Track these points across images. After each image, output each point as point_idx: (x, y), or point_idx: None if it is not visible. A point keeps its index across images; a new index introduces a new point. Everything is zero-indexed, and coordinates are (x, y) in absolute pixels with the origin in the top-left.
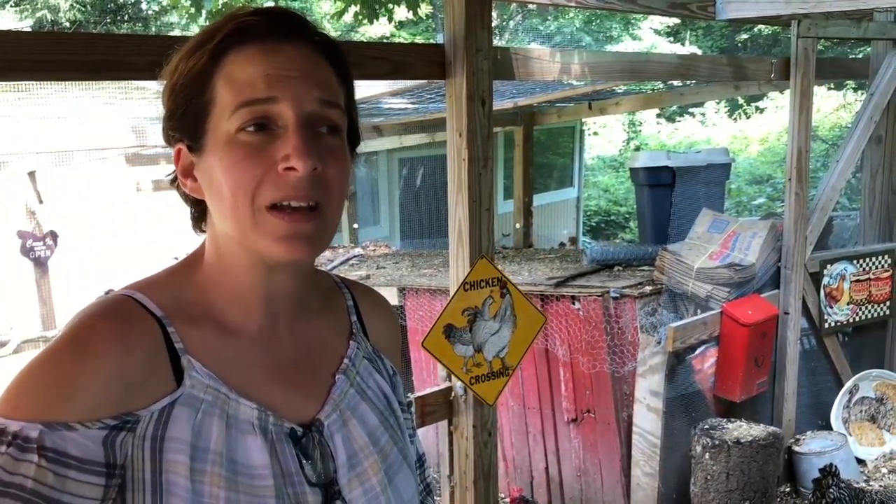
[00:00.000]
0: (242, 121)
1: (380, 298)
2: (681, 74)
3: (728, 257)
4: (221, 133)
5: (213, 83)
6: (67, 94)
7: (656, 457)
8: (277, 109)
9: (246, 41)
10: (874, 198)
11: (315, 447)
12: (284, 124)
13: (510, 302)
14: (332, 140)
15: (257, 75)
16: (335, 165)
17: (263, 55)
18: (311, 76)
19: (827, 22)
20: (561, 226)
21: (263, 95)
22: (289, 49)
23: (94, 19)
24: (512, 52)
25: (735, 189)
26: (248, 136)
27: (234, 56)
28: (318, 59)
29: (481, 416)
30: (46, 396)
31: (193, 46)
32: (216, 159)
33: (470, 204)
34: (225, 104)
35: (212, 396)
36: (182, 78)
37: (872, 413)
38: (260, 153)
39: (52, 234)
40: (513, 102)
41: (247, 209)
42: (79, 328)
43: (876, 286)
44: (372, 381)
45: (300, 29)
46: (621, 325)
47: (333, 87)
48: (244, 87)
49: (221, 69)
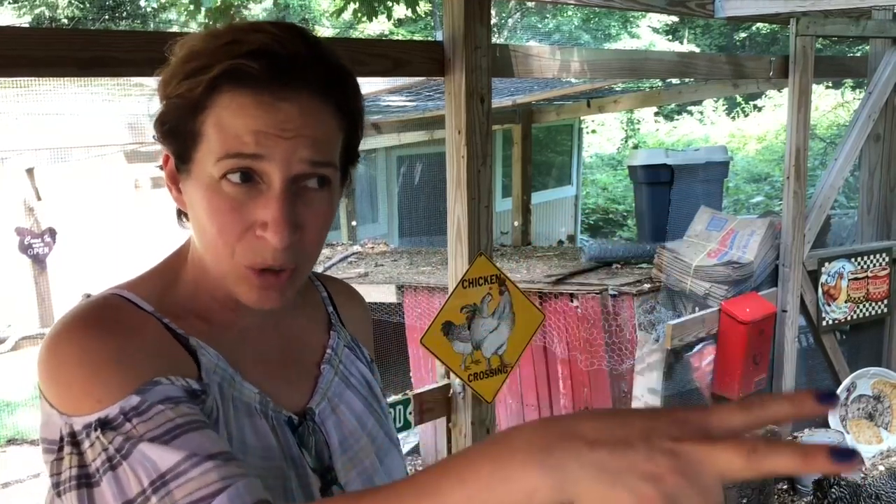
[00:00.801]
0: (226, 170)
1: (351, 289)
2: (680, 72)
3: (726, 255)
4: (206, 174)
5: (204, 118)
6: (66, 90)
7: None
8: (263, 167)
9: (242, 86)
10: (872, 196)
11: (311, 435)
12: (269, 182)
13: (509, 299)
14: (317, 195)
15: (247, 129)
16: (316, 223)
17: (256, 109)
18: (304, 136)
19: (825, 20)
20: (559, 224)
21: (250, 152)
22: (285, 106)
23: (92, 16)
24: (511, 50)
25: (733, 187)
26: (231, 187)
27: (228, 100)
28: (318, 110)
29: (480, 414)
30: (110, 377)
31: (191, 69)
32: (199, 198)
33: (469, 201)
34: (212, 147)
35: (219, 377)
36: (175, 97)
37: (870, 411)
38: (242, 208)
39: (50, 231)
40: (511, 100)
41: (226, 258)
42: (72, 329)
43: (874, 284)
44: (354, 368)
45: (305, 75)
46: (619, 323)
47: (330, 141)
48: (232, 138)
49: (213, 107)
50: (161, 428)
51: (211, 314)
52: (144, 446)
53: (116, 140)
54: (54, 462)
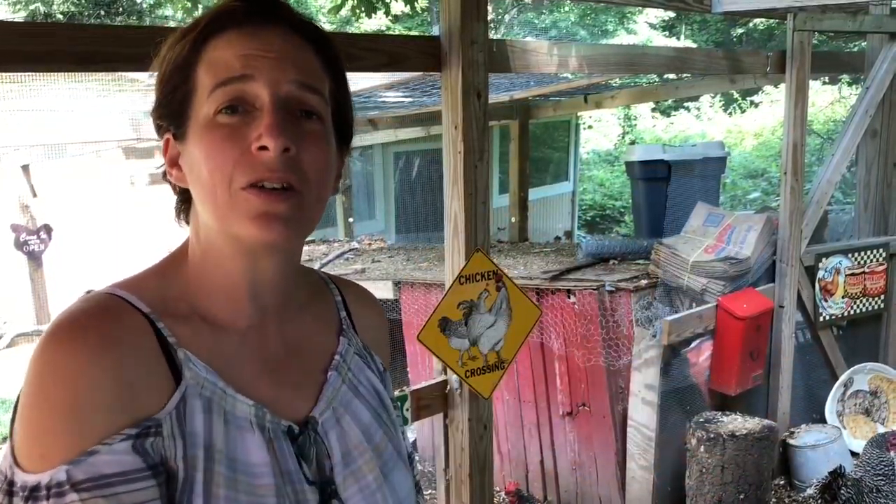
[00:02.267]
0: (219, 102)
1: (367, 294)
2: (677, 67)
3: (723, 251)
4: (201, 117)
5: (196, 70)
6: (60, 86)
7: (651, 450)
8: (253, 89)
9: (226, 26)
10: (869, 191)
11: (311, 445)
12: (261, 105)
13: (506, 295)
14: (310, 125)
15: (234, 56)
16: (311, 149)
17: (241, 38)
18: (288, 57)
19: (822, 15)
20: (557, 220)
21: (238, 73)
22: (268, 32)
23: (87, 12)
24: (508, 45)
25: (730, 183)
26: (225, 119)
27: (215, 42)
28: (300, 43)
29: (477, 410)
30: (57, 434)
31: (178, 36)
32: (196, 145)
33: (466, 197)
34: (204, 87)
35: (209, 392)
36: (168, 66)
37: (867, 406)
38: (236, 135)
39: (45, 228)
40: (508, 95)
41: (224, 192)
42: (64, 330)
43: (871, 280)
44: (363, 377)
45: (282, 13)
46: (616, 319)
47: (315, 72)
48: (221, 68)
49: (203, 56)
50: None
51: (210, 314)
52: None
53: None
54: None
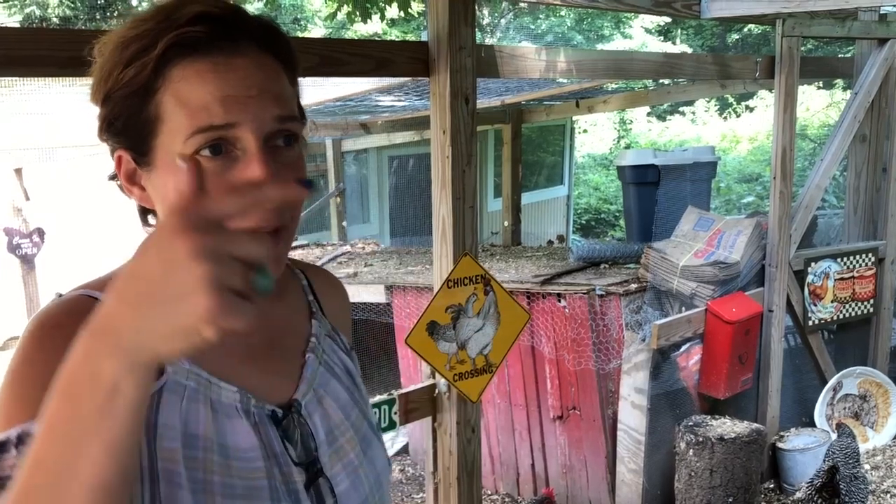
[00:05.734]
0: (198, 145)
1: (331, 277)
2: (665, 73)
3: (713, 255)
4: (175, 154)
5: (159, 99)
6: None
7: (641, 453)
8: (236, 134)
9: (193, 54)
10: (858, 196)
11: (295, 428)
12: (244, 147)
13: (494, 299)
14: (290, 153)
15: (212, 98)
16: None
17: (213, 71)
18: (268, 92)
19: (811, 21)
20: (551, 224)
21: (222, 122)
22: (241, 62)
23: (83, 15)
24: (496, 50)
25: (724, 187)
26: (205, 161)
27: (182, 71)
28: (270, 64)
29: (465, 413)
30: (32, 398)
31: (132, 54)
32: (171, 179)
33: (453, 201)
34: (177, 126)
35: (194, 382)
36: (120, 88)
37: (856, 410)
38: (220, 178)
39: (38, 231)
40: (500, 100)
41: None
42: (42, 328)
43: (860, 284)
44: (336, 357)
45: (248, 31)
46: (606, 323)
47: (290, 94)
48: (198, 110)
49: (167, 85)
50: None
51: None
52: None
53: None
54: None
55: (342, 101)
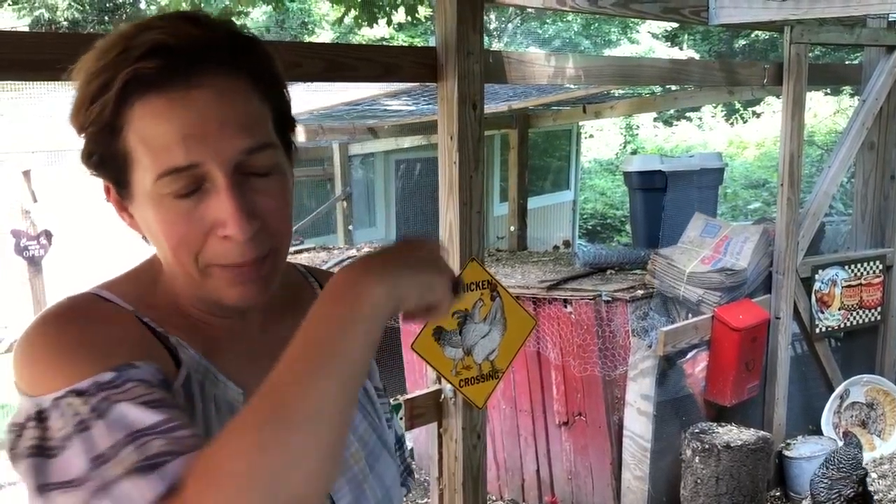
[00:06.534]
0: (167, 190)
1: None
2: (673, 79)
3: (720, 262)
4: (148, 192)
5: (125, 136)
6: (59, 93)
7: (646, 460)
8: (203, 171)
9: (148, 91)
10: (866, 203)
11: None
12: (212, 180)
13: (500, 305)
14: (266, 182)
15: (171, 138)
16: (276, 206)
17: (171, 109)
18: (229, 123)
19: (819, 28)
20: (557, 228)
21: (184, 164)
22: (198, 95)
23: (92, 18)
24: (504, 56)
25: (731, 193)
26: (177, 203)
27: (140, 109)
28: (236, 92)
29: (470, 419)
30: (87, 355)
31: (94, 90)
32: (150, 217)
33: (460, 207)
34: (144, 165)
35: (201, 375)
36: (90, 125)
37: (863, 418)
38: (194, 216)
39: (46, 234)
40: (507, 105)
41: (192, 267)
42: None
43: (867, 292)
44: None
45: (208, 56)
46: (613, 329)
47: (258, 119)
48: (160, 151)
49: (129, 122)
50: (139, 399)
51: (193, 314)
52: (124, 406)
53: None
54: (13, 439)
55: (350, 106)
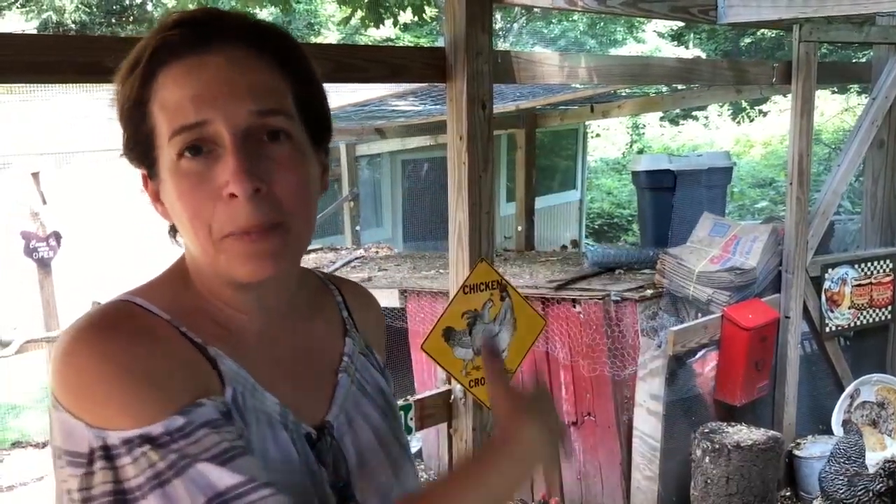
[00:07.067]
0: (179, 148)
1: (366, 293)
2: (682, 78)
3: (729, 261)
4: (167, 161)
5: (150, 110)
6: (69, 95)
7: (656, 460)
8: (212, 131)
9: (170, 59)
10: (876, 202)
11: (328, 450)
12: (222, 144)
13: (510, 305)
14: (278, 148)
15: (184, 98)
16: (285, 177)
17: (187, 74)
18: (241, 87)
19: (828, 26)
20: (564, 228)
21: (193, 121)
22: (213, 60)
23: (99, 20)
24: (513, 56)
25: (738, 192)
26: (189, 164)
27: (163, 78)
28: (251, 62)
29: (480, 419)
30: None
31: (126, 70)
32: (170, 189)
33: (470, 207)
34: (162, 132)
35: (241, 387)
36: (124, 103)
37: (874, 417)
38: (204, 181)
39: (55, 235)
40: (515, 105)
41: (206, 239)
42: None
43: (877, 290)
44: (368, 375)
45: (229, 31)
46: (622, 329)
47: (272, 89)
48: (174, 112)
49: (155, 94)
50: (213, 450)
51: (225, 319)
52: (202, 466)
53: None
54: (84, 476)
55: (358, 107)
